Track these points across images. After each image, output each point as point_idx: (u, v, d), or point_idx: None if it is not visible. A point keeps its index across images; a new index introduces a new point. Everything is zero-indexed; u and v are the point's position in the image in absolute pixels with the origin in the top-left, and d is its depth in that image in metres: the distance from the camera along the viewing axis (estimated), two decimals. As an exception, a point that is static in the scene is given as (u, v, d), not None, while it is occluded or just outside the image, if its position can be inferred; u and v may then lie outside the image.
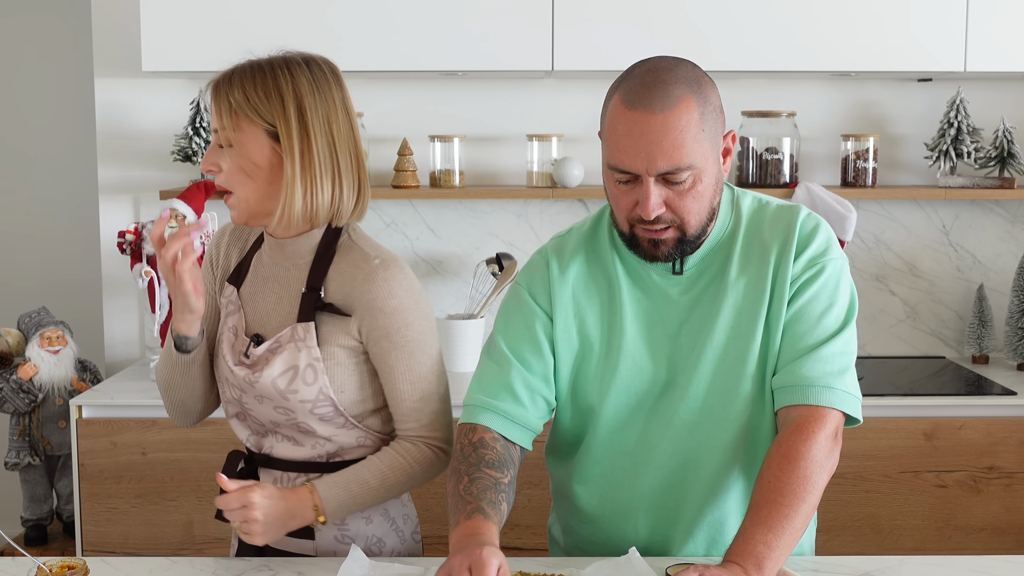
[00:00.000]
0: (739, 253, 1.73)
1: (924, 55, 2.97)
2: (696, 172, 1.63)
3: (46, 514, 3.13)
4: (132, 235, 3.01)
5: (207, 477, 2.81)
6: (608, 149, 1.65)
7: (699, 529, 1.80)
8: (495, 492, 1.66)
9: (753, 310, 1.71)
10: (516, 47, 2.96)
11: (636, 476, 1.79)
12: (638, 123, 1.60)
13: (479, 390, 1.77)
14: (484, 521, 1.60)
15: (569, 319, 1.77)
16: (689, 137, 1.61)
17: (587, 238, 1.81)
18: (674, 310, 1.75)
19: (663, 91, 1.61)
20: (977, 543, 2.83)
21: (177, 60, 2.97)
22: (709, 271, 1.74)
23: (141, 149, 3.29)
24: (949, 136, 3.15)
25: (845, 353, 1.71)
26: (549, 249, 1.82)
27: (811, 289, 1.71)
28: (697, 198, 1.64)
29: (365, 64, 2.98)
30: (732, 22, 2.95)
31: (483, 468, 1.68)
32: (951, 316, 3.35)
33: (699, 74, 1.67)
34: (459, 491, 1.66)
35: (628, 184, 1.65)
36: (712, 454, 1.76)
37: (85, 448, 2.81)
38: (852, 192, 3.16)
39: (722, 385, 1.73)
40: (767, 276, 1.71)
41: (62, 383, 3.07)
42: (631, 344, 1.74)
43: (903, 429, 2.81)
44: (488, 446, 1.72)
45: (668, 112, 1.60)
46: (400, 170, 3.18)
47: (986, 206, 3.32)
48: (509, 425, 1.75)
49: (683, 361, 1.74)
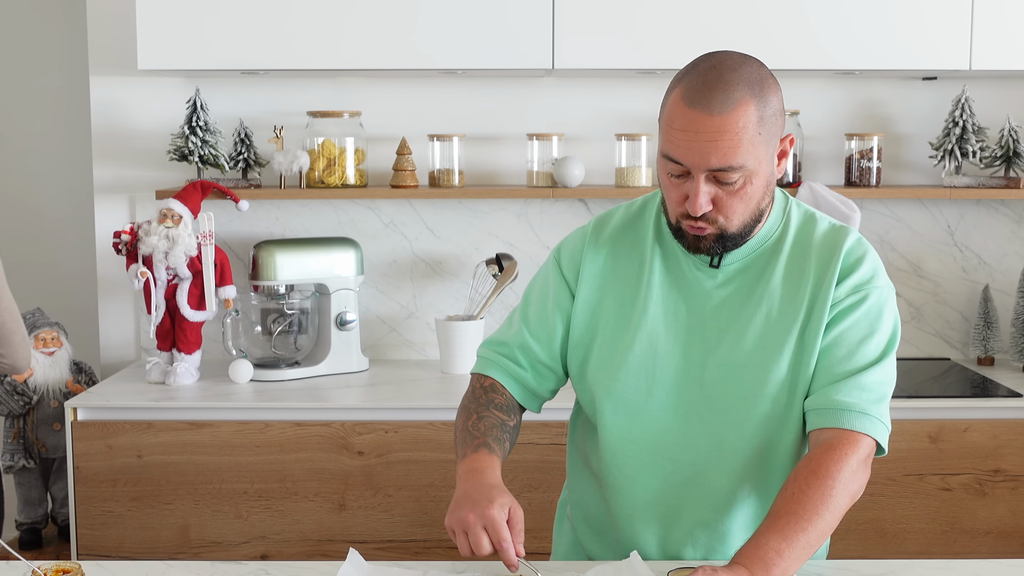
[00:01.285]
0: (784, 263, 1.75)
1: (929, 53, 2.97)
2: (748, 174, 1.64)
3: (41, 517, 3.13)
4: (128, 235, 3.01)
5: (204, 480, 2.81)
6: (664, 139, 1.67)
7: (699, 536, 1.81)
8: (501, 431, 1.78)
9: (786, 323, 1.73)
10: (516, 45, 2.96)
11: (639, 465, 1.79)
12: (695, 122, 1.61)
13: (490, 343, 1.90)
14: (488, 455, 1.72)
15: (591, 294, 1.82)
16: (745, 139, 1.62)
17: (632, 218, 1.85)
18: (704, 302, 1.77)
19: (724, 92, 1.61)
20: (982, 547, 2.83)
21: (173, 58, 2.98)
22: (750, 272, 1.76)
23: (137, 148, 3.30)
24: (954, 135, 3.16)
25: (883, 383, 1.74)
26: (592, 223, 1.88)
27: (853, 316, 1.73)
28: (745, 199, 1.66)
29: (363, 62, 2.98)
30: (735, 20, 2.95)
31: (492, 408, 1.81)
32: (956, 317, 3.36)
33: (764, 75, 1.66)
34: (467, 426, 1.79)
35: (680, 178, 1.67)
36: (723, 459, 1.76)
37: (80, 451, 2.81)
38: (856, 192, 3.16)
39: (742, 390, 1.74)
40: (804, 294, 1.73)
41: (57, 385, 3.07)
42: (651, 325, 1.77)
43: (907, 431, 2.81)
44: (499, 391, 1.85)
45: (726, 115, 1.61)
46: (399, 170, 3.18)
47: (991, 206, 3.32)
48: (513, 383, 1.86)
49: (704, 355, 1.75)
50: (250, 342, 3.15)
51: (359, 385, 3.04)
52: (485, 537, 1.59)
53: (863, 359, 1.73)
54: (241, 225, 3.32)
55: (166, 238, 2.97)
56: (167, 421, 2.81)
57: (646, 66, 2.98)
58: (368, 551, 2.77)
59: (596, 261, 1.82)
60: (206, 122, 3.13)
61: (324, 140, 3.16)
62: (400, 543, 2.83)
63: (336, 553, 2.81)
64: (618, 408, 1.78)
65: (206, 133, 3.13)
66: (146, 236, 2.98)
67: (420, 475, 2.81)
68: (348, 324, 3.15)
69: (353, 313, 3.16)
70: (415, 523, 2.82)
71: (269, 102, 3.29)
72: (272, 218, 3.32)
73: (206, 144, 3.12)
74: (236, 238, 3.32)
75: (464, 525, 1.60)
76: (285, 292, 3.12)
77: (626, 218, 1.85)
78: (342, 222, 3.32)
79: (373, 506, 2.83)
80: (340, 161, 3.16)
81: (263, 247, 3.10)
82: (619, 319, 1.79)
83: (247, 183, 3.21)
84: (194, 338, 3.06)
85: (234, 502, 2.82)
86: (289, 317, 3.14)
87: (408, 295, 3.34)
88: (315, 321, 3.19)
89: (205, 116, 3.13)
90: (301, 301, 3.15)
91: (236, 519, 2.83)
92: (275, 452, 2.81)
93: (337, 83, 3.28)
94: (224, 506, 2.82)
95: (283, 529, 2.83)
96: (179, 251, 2.97)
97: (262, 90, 3.28)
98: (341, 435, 2.81)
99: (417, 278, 3.33)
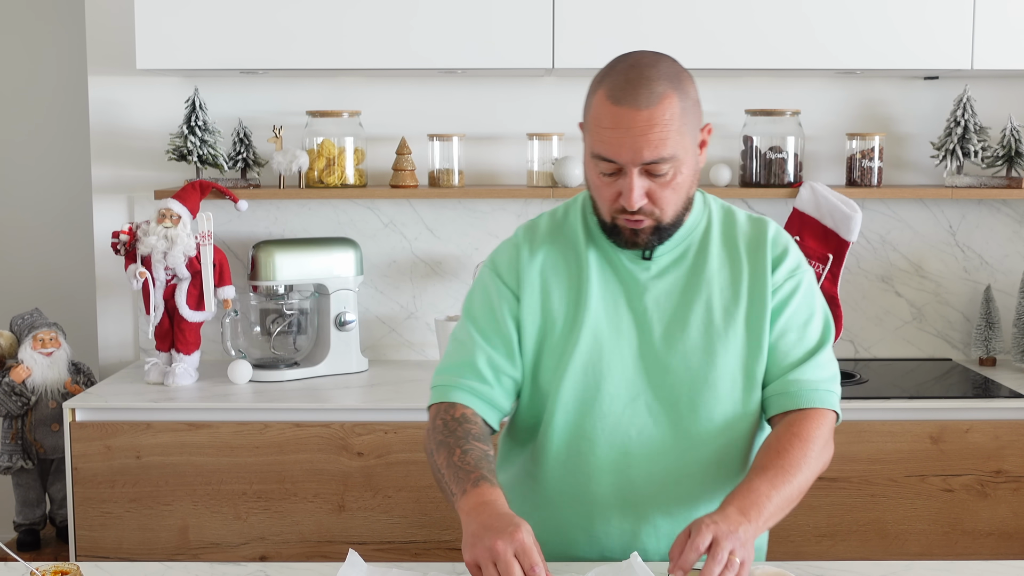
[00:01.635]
0: (715, 252, 1.84)
1: (930, 52, 2.97)
2: (676, 164, 1.72)
3: (39, 519, 3.13)
4: (126, 235, 3.01)
5: (202, 481, 2.81)
6: (592, 140, 1.73)
7: (659, 529, 1.83)
8: (489, 463, 1.74)
9: (729, 312, 1.82)
10: (516, 44, 2.96)
11: (595, 460, 1.82)
12: (624, 118, 1.68)
13: (445, 370, 1.87)
14: (491, 488, 1.67)
15: (535, 296, 1.85)
16: (672, 130, 1.70)
17: (559, 223, 1.90)
18: (642, 294, 1.83)
19: (647, 87, 1.69)
20: (984, 548, 2.83)
21: (172, 58, 2.97)
22: (683, 263, 1.84)
23: (135, 148, 3.30)
24: (956, 135, 3.16)
25: (832, 359, 1.86)
26: (520, 233, 1.91)
27: (794, 301, 1.83)
28: (677, 189, 1.74)
29: (363, 62, 2.98)
30: (735, 20, 2.95)
31: (472, 441, 1.76)
32: (958, 318, 3.36)
33: (678, 69, 1.75)
34: (454, 462, 1.73)
35: (612, 176, 1.73)
36: (680, 447, 1.81)
37: (78, 452, 2.81)
38: (857, 192, 3.16)
39: (688, 377, 1.80)
40: (742, 281, 1.82)
41: (55, 385, 3.07)
42: (594, 321, 1.81)
43: (909, 432, 2.81)
44: (472, 421, 1.81)
45: (653, 108, 1.68)
46: (398, 169, 3.18)
47: (993, 206, 3.32)
48: (480, 403, 1.84)
49: (648, 346, 1.81)
50: (249, 343, 3.15)
51: (358, 386, 3.04)
52: (516, 565, 1.54)
53: (812, 340, 1.83)
54: (240, 225, 3.32)
55: (165, 238, 2.97)
56: (166, 422, 2.81)
57: (647, 65, 2.98)
58: (367, 552, 2.77)
59: (534, 266, 1.86)
60: (205, 122, 3.13)
61: (323, 140, 3.16)
62: (400, 544, 2.83)
63: (335, 554, 2.81)
64: (570, 406, 1.82)
65: (205, 133, 3.13)
66: (145, 236, 2.98)
67: (420, 476, 2.81)
68: (347, 324, 3.15)
69: (352, 313, 3.16)
70: (415, 524, 2.82)
71: (268, 102, 3.29)
72: (271, 218, 3.32)
73: (205, 144, 3.12)
74: (235, 238, 3.32)
75: (493, 554, 1.54)
76: (284, 292, 3.12)
77: (553, 224, 1.90)
78: (341, 222, 3.32)
79: (372, 507, 2.83)
80: (339, 161, 3.16)
81: (262, 247, 3.10)
82: (564, 319, 1.83)
83: (246, 183, 3.20)
84: (193, 338, 3.06)
85: (233, 503, 2.82)
86: (288, 317, 3.14)
87: (408, 295, 3.34)
88: (314, 321, 3.19)
89: (204, 116, 3.13)
90: (300, 301, 3.15)
91: (235, 520, 2.83)
92: (274, 453, 2.81)
93: (336, 82, 3.28)
94: (223, 507, 2.82)
95: (282, 530, 2.83)
96: (178, 251, 2.97)
97: (261, 90, 3.28)
98: (340, 436, 2.81)
99: (417, 278, 3.33)
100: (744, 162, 3.22)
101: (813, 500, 2.80)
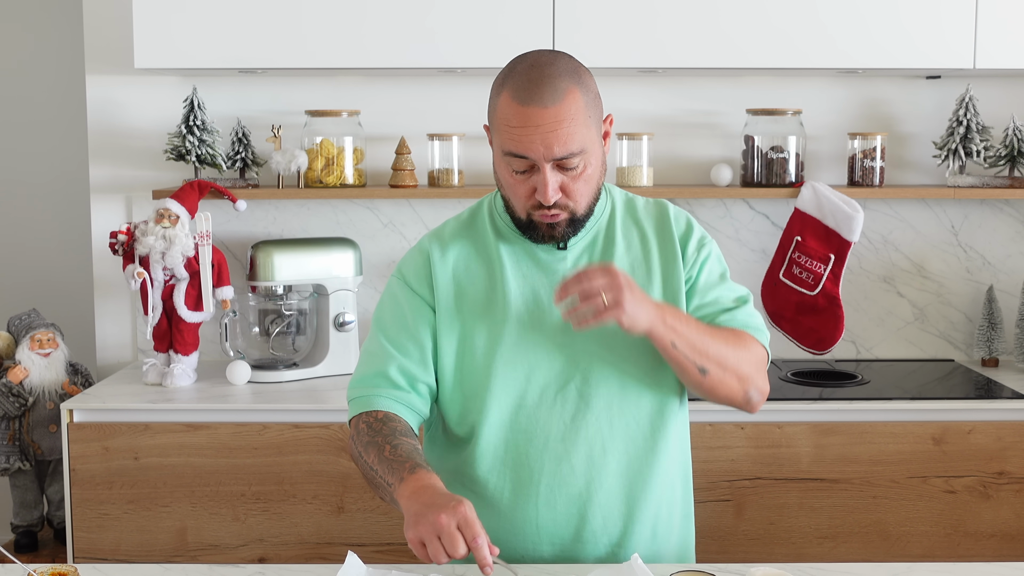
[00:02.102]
0: (621, 235, 1.91)
1: (933, 52, 2.97)
2: (586, 157, 1.78)
3: (36, 520, 3.13)
4: (124, 235, 3.01)
5: (201, 482, 2.81)
6: (503, 139, 1.78)
7: (605, 508, 1.85)
8: (420, 455, 1.76)
9: (644, 287, 1.88)
10: (517, 43, 2.95)
11: (534, 451, 1.85)
12: (532, 117, 1.74)
13: (359, 382, 1.89)
14: (428, 474, 1.69)
15: (450, 299, 1.88)
16: (579, 124, 1.76)
17: (466, 225, 1.94)
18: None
19: (550, 85, 1.75)
20: (987, 550, 2.83)
21: (171, 57, 2.97)
22: (595, 248, 1.90)
23: (133, 147, 3.30)
24: (958, 134, 3.15)
25: (756, 314, 1.94)
26: (426, 239, 1.95)
27: (708, 265, 1.93)
28: (588, 181, 1.81)
29: (361, 61, 2.98)
30: (737, 18, 2.95)
31: (399, 436, 1.79)
32: (960, 318, 3.35)
33: (576, 64, 1.81)
34: (386, 457, 1.75)
35: (524, 174, 1.79)
36: (612, 427, 1.85)
37: (76, 453, 2.81)
38: (859, 192, 3.16)
39: (615, 356, 1.85)
40: (652, 256, 1.91)
41: (53, 386, 3.07)
42: (515, 316, 1.85)
43: (911, 433, 2.81)
44: (395, 419, 1.84)
45: (559, 105, 1.74)
46: (398, 169, 3.18)
47: (996, 206, 3.32)
48: (401, 407, 1.86)
49: (573, 332, 1.84)
50: (248, 343, 3.15)
51: (358, 387, 3.03)
52: (460, 537, 1.57)
53: (733, 290, 1.93)
54: (239, 225, 3.32)
55: (163, 238, 2.97)
56: (164, 423, 2.81)
57: (647, 65, 2.98)
58: (367, 554, 2.77)
59: (445, 270, 1.90)
60: (203, 121, 3.13)
61: (322, 139, 3.16)
62: (399, 546, 2.83)
63: (335, 556, 2.81)
64: (502, 401, 1.85)
65: (203, 132, 3.13)
66: (143, 236, 2.98)
67: (419, 477, 2.81)
68: (347, 325, 3.15)
69: (352, 314, 3.16)
70: (414, 526, 2.82)
71: (267, 101, 3.29)
72: (270, 218, 3.32)
73: (203, 143, 3.12)
74: (233, 238, 3.32)
75: (437, 528, 1.58)
76: (283, 293, 3.12)
77: (459, 227, 1.95)
78: (340, 222, 3.32)
79: (372, 509, 2.82)
80: (338, 161, 3.16)
81: (261, 247, 3.10)
82: (483, 319, 1.87)
83: (245, 183, 3.20)
84: (191, 339, 3.06)
85: (231, 505, 2.82)
86: (287, 318, 3.14)
87: (407, 296, 3.34)
88: (313, 322, 3.19)
89: (202, 115, 3.13)
90: (299, 302, 3.15)
91: (234, 522, 2.82)
92: (273, 454, 2.81)
93: (336, 82, 3.28)
94: (221, 509, 2.82)
95: (281, 532, 2.83)
96: (176, 251, 2.97)
97: (260, 89, 3.28)
98: (340, 437, 2.81)
99: (416, 279, 3.33)
100: (745, 162, 3.22)
101: (815, 501, 2.81)
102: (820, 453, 2.80)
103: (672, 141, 3.29)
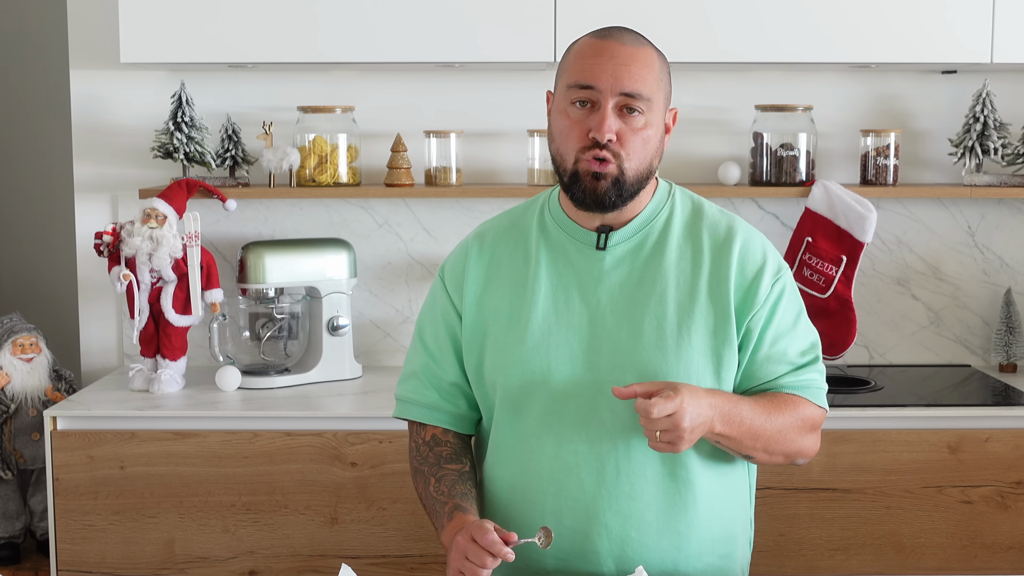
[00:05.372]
0: (675, 246, 1.87)
1: (948, 46, 2.97)
2: (649, 112, 1.79)
3: (19, 531, 3.13)
4: (110, 236, 3.01)
5: (189, 492, 2.81)
6: (571, 73, 1.80)
7: (610, 529, 1.85)
8: (462, 483, 1.87)
9: (684, 306, 1.84)
10: (516, 38, 2.96)
11: (543, 459, 1.85)
12: (609, 48, 1.78)
13: (400, 381, 2.01)
14: (463, 517, 1.80)
15: (478, 295, 1.91)
16: (651, 77, 1.79)
17: (515, 219, 1.96)
18: (596, 287, 1.86)
19: (634, 34, 1.83)
20: (1004, 562, 2.83)
21: (158, 51, 2.98)
22: (641, 252, 1.86)
23: (119, 145, 3.30)
24: (975, 131, 3.16)
25: (820, 368, 1.92)
26: (473, 234, 1.99)
27: (783, 304, 1.87)
28: (644, 142, 1.80)
29: (356, 56, 2.98)
30: (745, 11, 2.96)
31: (443, 465, 1.91)
32: (977, 322, 3.36)
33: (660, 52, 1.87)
34: (431, 492, 1.89)
35: (584, 108, 1.78)
36: (628, 445, 1.83)
37: (60, 462, 2.81)
38: (872, 191, 3.16)
39: (641, 374, 1.81)
40: (701, 275, 1.85)
41: (36, 393, 3.07)
42: (541, 316, 1.85)
43: (926, 442, 2.81)
44: (441, 442, 1.95)
45: (638, 48, 1.80)
46: (393, 168, 3.18)
47: (1014, 205, 3.32)
48: (441, 415, 1.96)
49: (600, 340, 1.83)
50: (238, 348, 3.16)
51: (352, 393, 3.04)
52: (479, 547, 1.67)
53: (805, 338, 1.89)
54: (228, 225, 3.32)
55: (150, 239, 2.97)
56: (151, 431, 2.81)
57: (652, 59, 2.98)
58: (361, 567, 2.77)
59: (480, 266, 1.92)
60: (192, 118, 3.13)
61: (315, 136, 3.16)
62: (395, 558, 2.83)
63: (328, 569, 2.81)
64: (516, 403, 1.86)
65: (192, 129, 3.13)
66: (129, 237, 2.98)
67: (416, 487, 2.81)
68: (340, 329, 3.15)
69: (346, 317, 3.16)
70: (410, 537, 2.82)
71: (258, 97, 3.29)
72: (261, 218, 3.33)
73: (192, 141, 3.13)
74: (223, 239, 3.32)
75: (462, 551, 1.69)
76: (274, 296, 3.13)
77: (509, 220, 1.97)
78: (334, 222, 3.32)
79: (366, 520, 2.83)
80: (332, 159, 3.16)
81: (251, 248, 3.10)
82: (510, 315, 1.88)
83: (235, 181, 3.21)
84: (179, 344, 3.06)
85: (221, 515, 2.82)
86: (279, 322, 3.14)
87: (403, 299, 3.34)
88: (306, 326, 3.19)
89: (191, 111, 3.13)
90: (291, 305, 3.15)
91: (223, 533, 2.83)
92: (264, 463, 2.81)
93: (329, 77, 3.28)
94: (211, 519, 2.82)
95: (272, 544, 2.83)
96: (163, 253, 2.97)
97: (250, 84, 3.29)
98: (333, 445, 2.81)
99: (412, 281, 3.33)
100: (754, 160, 3.22)
101: (826, 512, 2.81)
102: (832, 462, 2.80)
103: (678, 138, 3.29)
